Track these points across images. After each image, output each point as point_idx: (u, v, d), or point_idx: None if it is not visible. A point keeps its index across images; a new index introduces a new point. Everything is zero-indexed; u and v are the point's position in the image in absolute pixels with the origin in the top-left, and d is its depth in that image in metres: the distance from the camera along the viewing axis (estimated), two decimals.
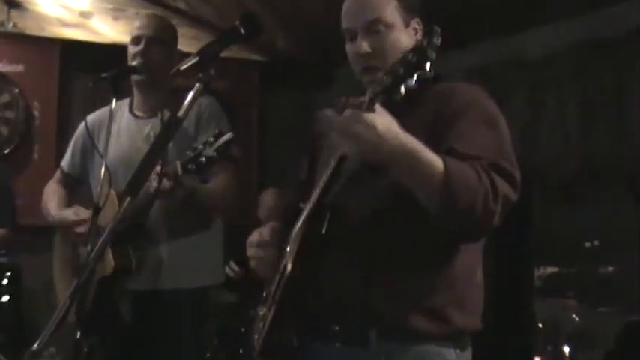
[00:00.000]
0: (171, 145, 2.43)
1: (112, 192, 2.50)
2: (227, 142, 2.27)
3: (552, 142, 3.95)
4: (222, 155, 2.28)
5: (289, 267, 1.65)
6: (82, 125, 2.84)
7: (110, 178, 2.43)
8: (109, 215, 2.39)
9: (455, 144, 1.62)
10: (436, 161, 1.53)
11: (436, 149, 1.56)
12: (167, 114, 1.77)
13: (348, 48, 1.81)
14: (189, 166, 2.30)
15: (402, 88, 1.47)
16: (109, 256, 2.48)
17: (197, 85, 1.63)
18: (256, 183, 5.12)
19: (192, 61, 1.63)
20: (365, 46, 1.76)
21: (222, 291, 3.82)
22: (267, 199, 4.48)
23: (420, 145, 1.54)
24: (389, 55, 1.72)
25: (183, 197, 2.43)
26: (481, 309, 1.75)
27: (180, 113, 1.61)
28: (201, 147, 2.29)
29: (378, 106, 1.50)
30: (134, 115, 2.79)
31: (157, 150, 1.62)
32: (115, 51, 3.05)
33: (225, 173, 2.64)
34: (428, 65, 1.46)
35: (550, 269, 3.48)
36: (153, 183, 2.22)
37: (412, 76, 1.46)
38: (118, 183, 2.49)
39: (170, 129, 1.63)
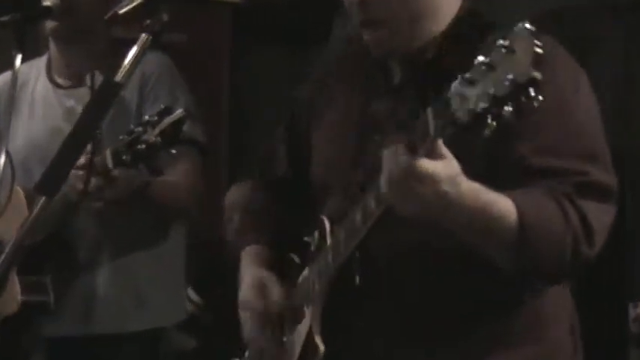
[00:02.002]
0: (105, 125, 2.38)
1: (19, 189, 2.50)
2: (177, 123, 2.30)
3: None
4: (169, 141, 2.30)
5: (321, 347, 1.80)
6: None
7: (14, 173, 2.37)
8: (12, 223, 2.32)
9: (523, 144, 1.71)
10: (508, 211, 1.64)
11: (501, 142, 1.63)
12: (99, 79, 1.77)
13: None
14: (123, 157, 2.33)
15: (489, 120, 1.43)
16: (14, 286, 2.47)
17: (142, 36, 1.64)
18: (227, 176, 5.02)
19: (136, 2, 1.63)
20: None
21: (177, 333, 3.64)
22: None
23: (487, 194, 1.63)
24: (396, 5, 1.78)
25: (124, 194, 2.45)
26: None
27: (119, 77, 1.63)
28: (139, 129, 2.31)
29: (441, 148, 1.54)
30: (54, 83, 2.78)
31: (83, 130, 1.62)
32: None
33: (186, 162, 2.66)
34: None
35: None
36: (77, 181, 2.23)
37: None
38: (31, 179, 2.49)
39: (104, 100, 1.65)
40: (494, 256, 1.68)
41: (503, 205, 1.65)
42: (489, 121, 1.40)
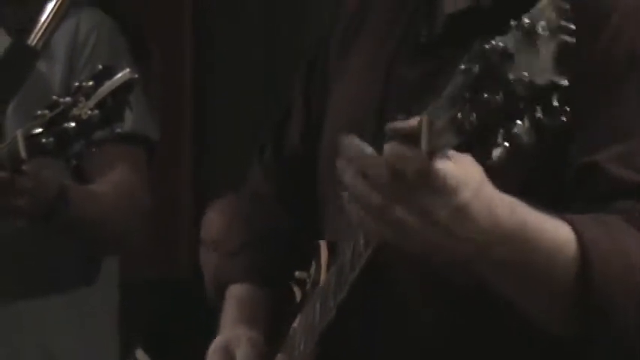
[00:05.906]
0: (14, 102, 2.41)
1: None
2: (122, 89, 2.10)
3: None
4: (111, 116, 2.12)
5: None
6: None
7: None
8: None
9: (602, 146, 1.50)
10: (565, 239, 1.40)
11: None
12: (6, 40, 1.94)
13: None
14: (43, 140, 2.14)
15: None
16: None
17: None
18: (191, 187, 4.88)
19: None
20: None
21: None
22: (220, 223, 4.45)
23: (530, 211, 1.39)
24: None
25: (37, 203, 2.29)
26: None
27: (34, 39, 1.79)
28: (67, 100, 2.13)
29: (467, 159, 1.29)
30: None
31: None
32: None
33: (126, 167, 2.52)
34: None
35: None
36: None
37: None
38: None
39: (13, 70, 1.83)
40: (543, 315, 1.48)
41: (556, 228, 1.40)
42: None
